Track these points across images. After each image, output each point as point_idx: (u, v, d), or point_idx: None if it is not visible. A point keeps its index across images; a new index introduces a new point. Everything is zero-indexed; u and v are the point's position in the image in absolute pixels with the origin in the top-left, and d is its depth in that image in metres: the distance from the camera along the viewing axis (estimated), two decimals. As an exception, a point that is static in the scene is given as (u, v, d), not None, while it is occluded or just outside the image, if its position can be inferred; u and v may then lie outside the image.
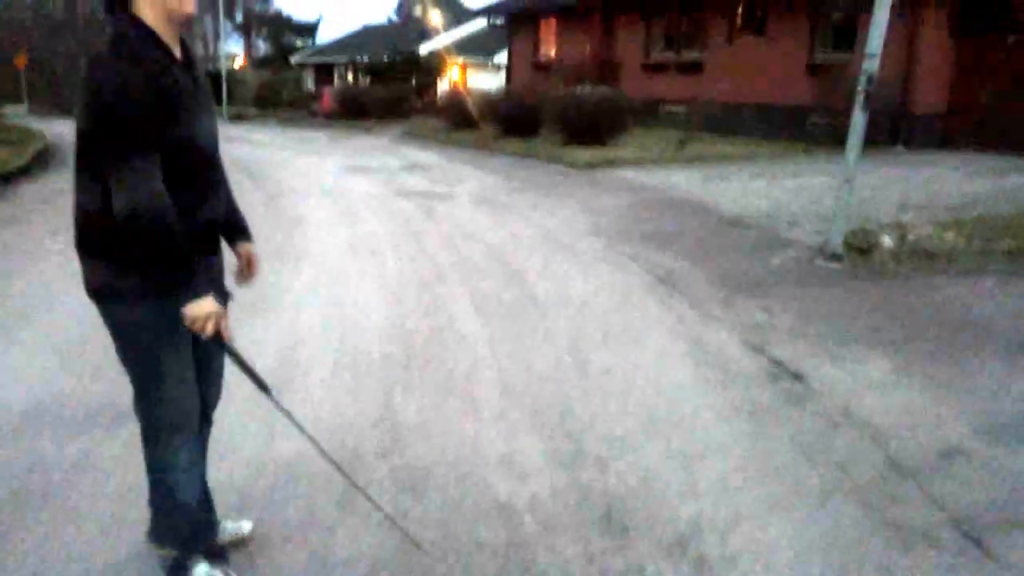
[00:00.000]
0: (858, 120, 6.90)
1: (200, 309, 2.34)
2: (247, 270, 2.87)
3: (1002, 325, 5.62)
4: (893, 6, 6.68)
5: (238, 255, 2.86)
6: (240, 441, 3.79)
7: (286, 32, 58.55)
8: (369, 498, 3.00)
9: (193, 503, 2.70)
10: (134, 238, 2.24)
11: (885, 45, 6.86)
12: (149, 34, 2.31)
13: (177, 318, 2.36)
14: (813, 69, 17.31)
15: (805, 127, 16.91)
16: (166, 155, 2.29)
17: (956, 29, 15.85)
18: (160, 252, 2.27)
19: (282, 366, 4.74)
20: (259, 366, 2.78)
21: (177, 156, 2.33)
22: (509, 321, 5.65)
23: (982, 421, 4.11)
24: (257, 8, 58.58)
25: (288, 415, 2.72)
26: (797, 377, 4.68)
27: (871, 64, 6.72)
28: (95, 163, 2.27)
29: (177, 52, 2.40)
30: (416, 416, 4.12)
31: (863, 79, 6.74)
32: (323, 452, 2.81)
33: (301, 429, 2.73)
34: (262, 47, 59.43)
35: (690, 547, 3.03)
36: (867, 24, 6.86)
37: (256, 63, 54.55)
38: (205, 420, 2.80)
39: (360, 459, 3.67)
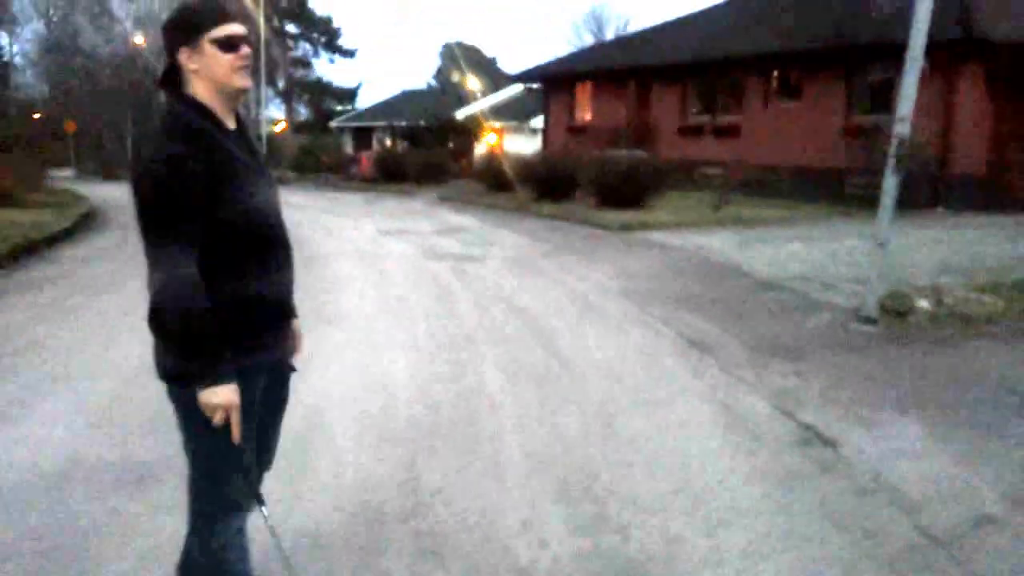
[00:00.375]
0: (890, 183, 6.88)
1: (214, 397, 2.27)
2: (293, 345, 2.79)
3: (1040, 391, 5.50)
4: (924, 69, 6.69)
5: None
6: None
7: (326, 97, 59.91)
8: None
9: None
10: (155, 320, 2.22)
11: (921, 107, 6.86)
12: (200, 109, 2.32)
13: (243, 398, 2.34)
14: (850, 131, 17.33)
15: (843, 190, 16.88)
16: (223, 230, 2.26)
17: (994, 90, 15.82)
18: (181, 337, 2.22)
19: (308, 427, 4.76)
20: (285, 427, 2.78)
21: (235, 230, 2.29)
22: (536, 384, 5.64)
23: (1017, 490, 4.01)
24: (298, 74, 60.10)
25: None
26: (828, 443, 4.61)
27: (902, 127, 6.72)
28: None
29: (231, 124, 2.41)
30: (440, 480, 4.11)
31: (894, 143, 6.75)
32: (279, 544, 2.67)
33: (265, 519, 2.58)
34: (303, 112, 60.82)
35: (712, 617, 2.97)
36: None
37: (296, 127, 55.76)
38: None
39: (382, 522, 3.66)
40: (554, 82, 28.03)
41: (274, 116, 56.98)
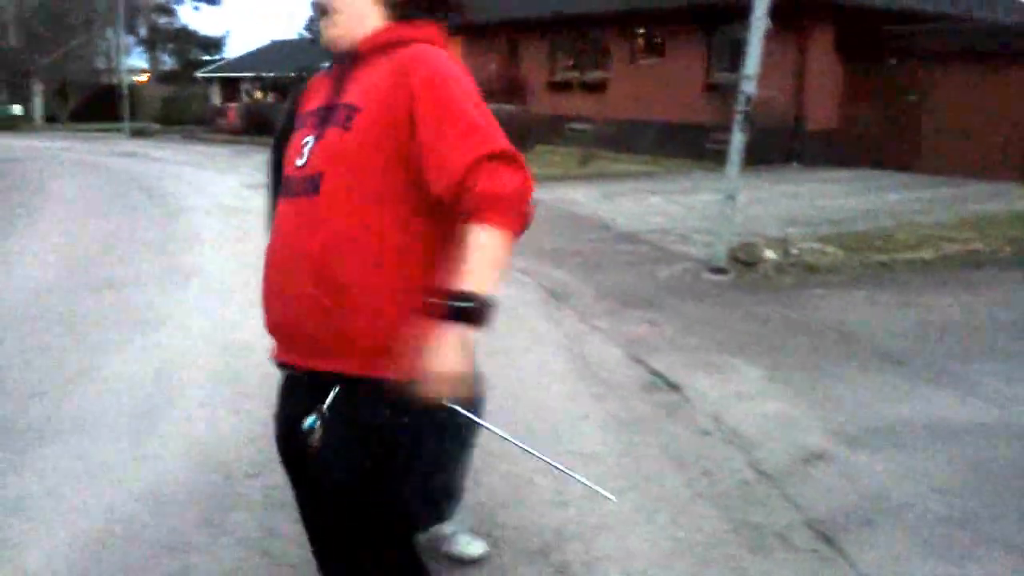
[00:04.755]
0: (737, 139, 7.14)
1: None
2: None
3: (868, 335, 5.87)
4: (769, 29, 6.94)
5: None
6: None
7: (191, 47, 57.38)
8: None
9: None
10: None
11: (775, 66, 7.13)
12: None
13: None
14: (710, 89, 17.82)
15: (705, 146, 17.38)
16: None
17: (844, 50, 16.53)
18: None
19: (160, 385, 4.66)
20: (138, 384, 2.73)
21: None
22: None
23: (843, 428, 4.29)
24: (162, 22, 57.32)
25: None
26: (673, 387, 4.81)
27: (748, 85, 6.98)
28: None
29: None
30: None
31: (740, 99, 7.00)
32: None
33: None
34: (168, 62, 58.13)
35: (552, 555, 3.09)
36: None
37: (160, 78, 53.32)
38: None
39: (232, 477, 3.64)
40: (424, 35, 27.65)
41: (136, 65, 54.32)
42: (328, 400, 1.84)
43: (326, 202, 1.79)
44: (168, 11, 57.44)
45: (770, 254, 7.69)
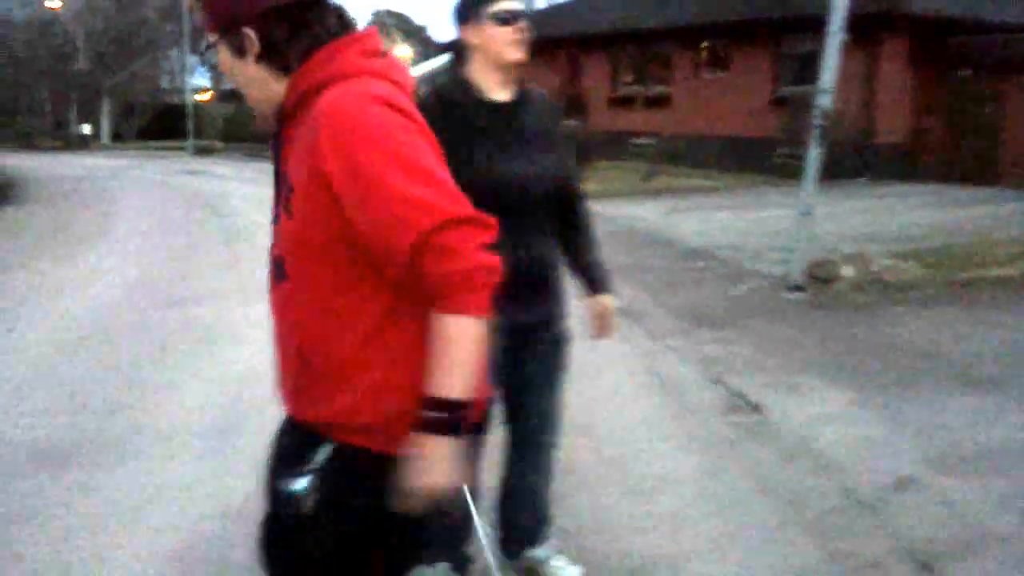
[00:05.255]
0: (813, 154, 6.97)
1: None
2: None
3: (955, 356, 5.65)
4: (845, 42, 6.77)
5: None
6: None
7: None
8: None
9: None
10: None
11: (846, 78, 6.96)
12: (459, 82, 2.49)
13: None
14: (777, 102, 17.55)
15: (771, 160, 17.11)
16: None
17: (915, 62, 16.16)
18: None
19: (234, 401, 4.65)
20: (213, 401, 2.70)
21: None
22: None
23: (935, 453, 4.10)
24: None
25: None
26: (755, 409, 4.67)
27: (824, 99, 6.81)
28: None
29: (499, 96, 2.50)
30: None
31: (816, 114, 6.83)
32: None
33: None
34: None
35: (641, 583, 2.99)
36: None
37: (223, 96, 54.37)
38: None
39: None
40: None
41: (199, 84, 55.52)
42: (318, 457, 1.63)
43: (292, 288, 1.63)
44: (233, 32, 58.53)
45: (848, 271, 7.48)
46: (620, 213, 12.40)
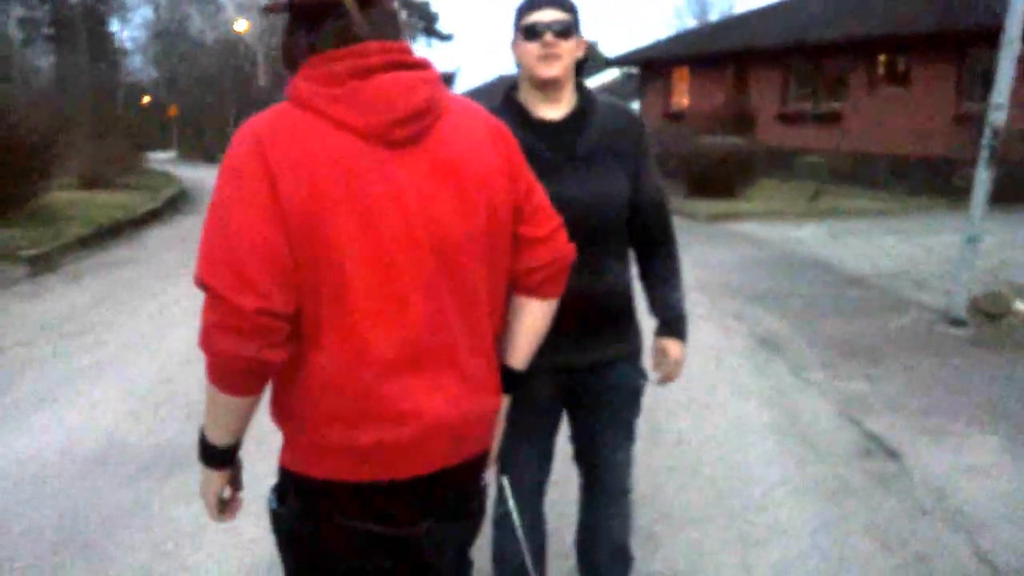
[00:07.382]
0: (982, 175, 6.41)
1: None
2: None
3: None
4: (1021, 53, 6.20)
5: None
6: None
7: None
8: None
9: None
10: None
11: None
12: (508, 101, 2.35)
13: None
14: (960, 119, 16.43)
15: (950, 182, 16.01)
16: None
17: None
18: None
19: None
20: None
21: None
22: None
23: (1097, 517, 3.64)
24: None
25: None
26: (891, 455, 4.30)
27: (997, 115, 6.24)
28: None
29: (547, 114, 2.30)
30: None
31: (987, 133, 6.27)
32: None
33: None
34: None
35: (728, 645, 2.76)
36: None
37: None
38: None
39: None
40: (651, 66, 27.47)
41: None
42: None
43: None
44: (404, 50, 60.74)
45: (1020, 306, 6.84)
46: (779, 235, 11.92)
